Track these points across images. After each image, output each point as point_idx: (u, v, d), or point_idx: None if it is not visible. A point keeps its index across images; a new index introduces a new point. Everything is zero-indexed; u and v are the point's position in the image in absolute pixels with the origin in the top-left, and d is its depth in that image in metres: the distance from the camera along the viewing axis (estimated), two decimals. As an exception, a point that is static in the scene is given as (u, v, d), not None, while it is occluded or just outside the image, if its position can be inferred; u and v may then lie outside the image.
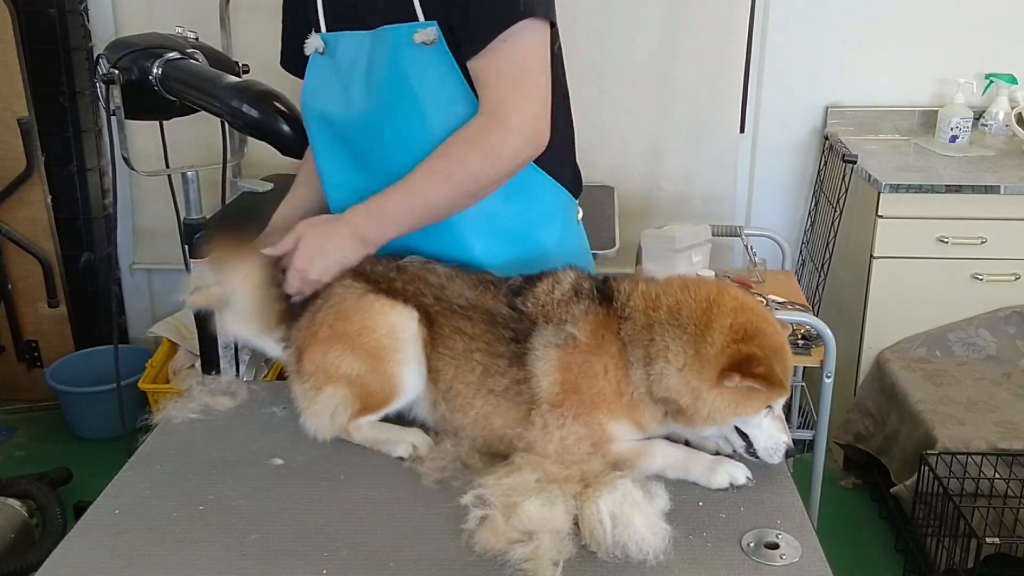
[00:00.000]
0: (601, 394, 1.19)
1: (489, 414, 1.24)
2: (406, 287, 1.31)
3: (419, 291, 1.30)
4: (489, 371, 1.24)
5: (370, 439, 1.30)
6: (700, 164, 3.23)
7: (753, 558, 1.08)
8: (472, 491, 1.12)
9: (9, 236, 3.23)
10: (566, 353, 1.20)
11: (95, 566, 1.07)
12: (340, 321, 1.29)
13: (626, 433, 1.21)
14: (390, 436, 1.29)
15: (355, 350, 1.27)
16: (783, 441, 1.20)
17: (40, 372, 3.32)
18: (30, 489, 2.59)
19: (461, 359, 1.26)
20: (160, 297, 3.51)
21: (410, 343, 1.28)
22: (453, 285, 1.31)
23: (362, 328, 1.28)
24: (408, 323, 1.28)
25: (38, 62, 3.14)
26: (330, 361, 1.28)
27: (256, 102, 1.58)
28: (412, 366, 1.28)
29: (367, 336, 1.27)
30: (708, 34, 3.10)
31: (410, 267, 1.34)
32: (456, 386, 1.27)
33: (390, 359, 1.27)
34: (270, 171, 3.14)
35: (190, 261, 1.90)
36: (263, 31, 3.09)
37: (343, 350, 1.28)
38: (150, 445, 1.33)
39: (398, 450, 1.27)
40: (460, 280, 1.31)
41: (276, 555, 1.08)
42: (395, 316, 1.28)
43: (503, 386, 1.23)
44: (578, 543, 1.07)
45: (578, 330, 1.20)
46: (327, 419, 1.30)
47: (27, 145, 3.15)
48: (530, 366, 1.21)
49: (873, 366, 2.90)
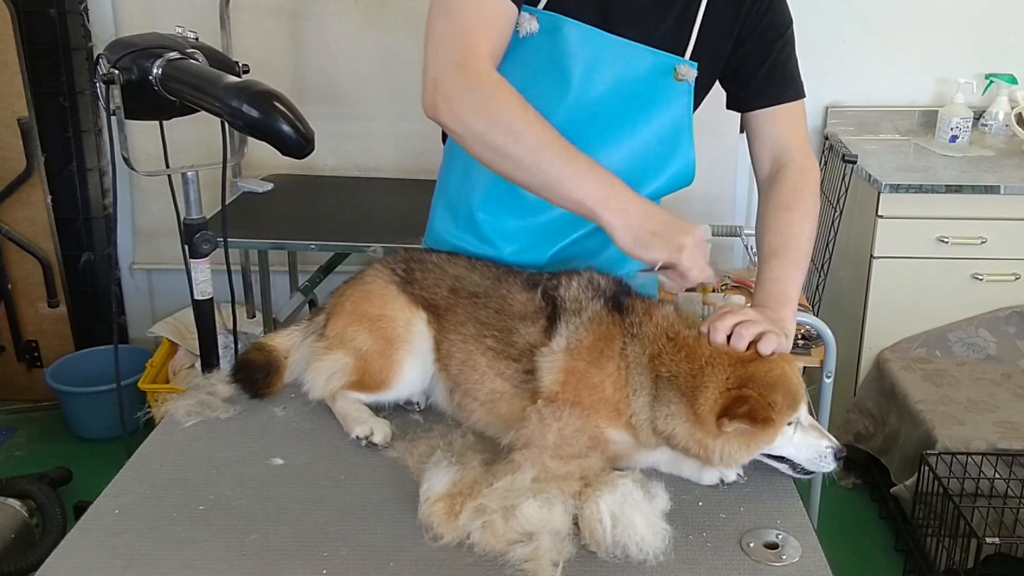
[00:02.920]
0: (601, 404, 1.19)
1: (496, 399, 1.27)
2: (425, 276, 1.39)
3: (437, 280, 1.38)
4: (500, 356, 1.28)
5: (342, 413, 1.35)
6: (700, 164, 3.21)
7: (753, 558, 1.08)
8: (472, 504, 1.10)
9: (9, 236, 3.23)
10: (571, 357, 1.21)
11: (95, 566, 1.07)
12: (364, 302, 1.38)
13: (623, 440, 1.21)
14: (359, 416, 1.33)
15: (371, 331, 1.35)
16: (825, 446, 1.18)
17: (40, 372, 3.31)
18: (30, 489, 2.59)
19: (473, 344, 1.31)
20: (160, 297, 3.51)
21: (420, 340, 1.35)
22: (472, 275, 1.37)
23: (382, 315, 1.36)
24: (423, 324, 1.36)
25: (38, 62, 3.14)
26: (348, 332, 1.37)
27: (256, 102, 1.58)
28: (416, 361, 1.35)
29: (385, 323, 1.35)
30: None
31: (434, 258, 1.42)
32: (466, 370, 1.31)
33: (399, 348, 1.34)
34: (270, 171, 3.14)
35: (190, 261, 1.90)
36: (263, 31, 3.11)
37: (361, 327, 1.36)
38: (150, 445, 1.33)
39: (356, 430, 1.31)
40: (479, 271, 1.38)
41: (276, 555, 1.08)
42: (412, 314, 1.36)
43: (511, 372, 1.26)
44: (578, 543, 1.07)
45: (586, 335, 1.21)
46: (324, 378, 1.37)
47: (27, 145, 3.15)
48: (537, 359, 1.23)
49: (873, 366, 2.90)
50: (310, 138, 1.61)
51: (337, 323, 1.39)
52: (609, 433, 1.19)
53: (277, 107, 1.58)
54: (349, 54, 3.16)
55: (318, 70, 3.18)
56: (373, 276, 1.42)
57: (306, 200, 3.01)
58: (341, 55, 3.17)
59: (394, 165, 3.24)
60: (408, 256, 1.44)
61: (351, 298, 1.41)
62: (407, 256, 1.44)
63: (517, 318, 1.29)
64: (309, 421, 1.39)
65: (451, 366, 1.33)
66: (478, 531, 1.07)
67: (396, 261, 1.44)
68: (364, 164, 3.26)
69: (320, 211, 2.90)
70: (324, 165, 3.20)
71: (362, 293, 1.40)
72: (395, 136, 3.25)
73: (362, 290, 1.41)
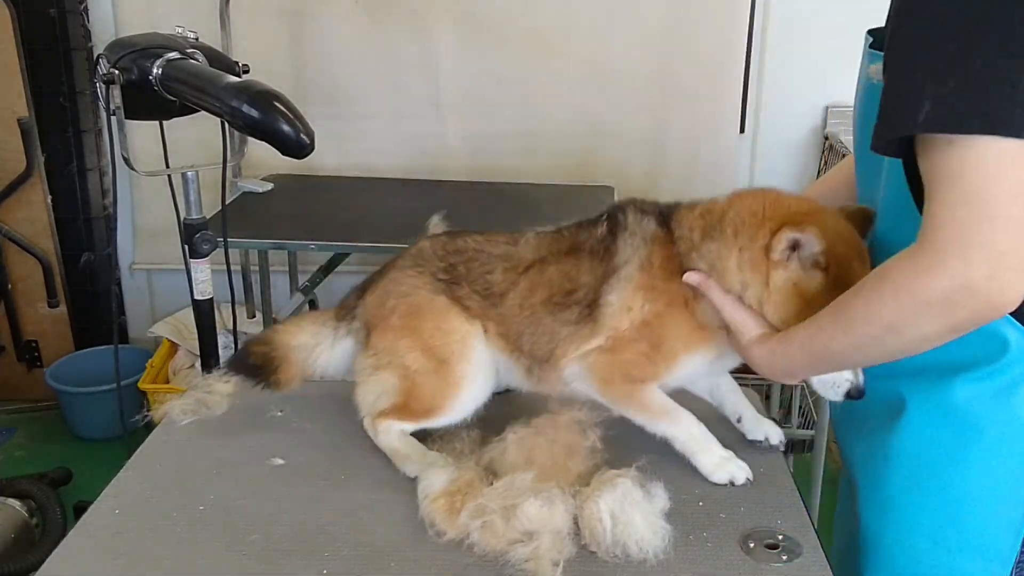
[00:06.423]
0: (671, 322, 1.18)
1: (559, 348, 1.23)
2: (471, 268, 1.29)
3: (486, 267, 1.28)
4: (569, 312, 1.22)
5: (391, 448, 1.26)
6: (700, 164, 3.23)
7: (753, 558, 1.08)
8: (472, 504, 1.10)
9: (9, 236, 3.23)
10: (635, 286, 1.19)
11: (95, 566, 1.07)
12: (413, 317, 1.28)
13: (694, 363, 1.20)
14: (411, 453, 1.25)
15: (424, 349, 1.26)
16: (845, 378, 1.12)
17: (40, 372, 3.31)
18: (30, 489, 2.59)
19: (543, 311, 1.24)
20: (160, 297, 3.51)
21: (478, 353, 1.27)
22: (518, 249, 1.29)
23: (436, 330, 1.27)
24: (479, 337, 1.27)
25: (38, 62, 3.14)
26: (398, 348, 1.28)
27: (256, 102, 1.58)
28: (475, 379, 1.27)
29: (440, 339, 1.26)
30: (708, 34, 3.10)
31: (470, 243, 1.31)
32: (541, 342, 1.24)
33: (457, 364, 1.26)
34: (270, 171, 3.14)
35: (190, 261, 1.90)
36: (263, 31, 3.11)
37: (413, 343, 1.27)
38: (150, 445, 1.33)
39: (410, 470, 1.23)
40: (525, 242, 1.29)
41: (277, 555, 1.08)
42: (468, 326, 1.27)
43: (574, 318, 1.22)
44: (578, 543, 1.07)
45: (645, 261, 1.19)
46: (371, 399, 1.30)
47: (27, 145, 3.15)
48: (602, 298, 1.20)
49: (873, 366, 2.89)
50: (310, 138, 1.61)
51: (384, 337, 1.29)
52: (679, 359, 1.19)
53: (277, 107, 1.58)
54: (350, 54, 3.17)
55: (318, 70, 3.18)
56: (415, 286, 1.30)
57: (306, 200, 3.02)
58: (342, 55, 3.17)
59: (394, 165, 3.24)
60: (442, 250, 1.32)
61: (396, 312, 1.29)
62: (442, 251, 1.32)
63: (585, 262, 1.23)
64: (309, 421, 1.39)
65: (524, 344, 1.26)
66: (478, 531, 1.07)
67: (431, 261, 1.31)
68: (364, 164, 3.26)
69: (320, 211, 2.90)
70: (324, 165, 3.20)
71: (408, 308, 1.29)
72: (395, 136, 3.25)
73: (408, 304, 1.29)
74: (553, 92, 3.16)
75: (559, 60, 3.12)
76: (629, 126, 3.20)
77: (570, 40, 3.11)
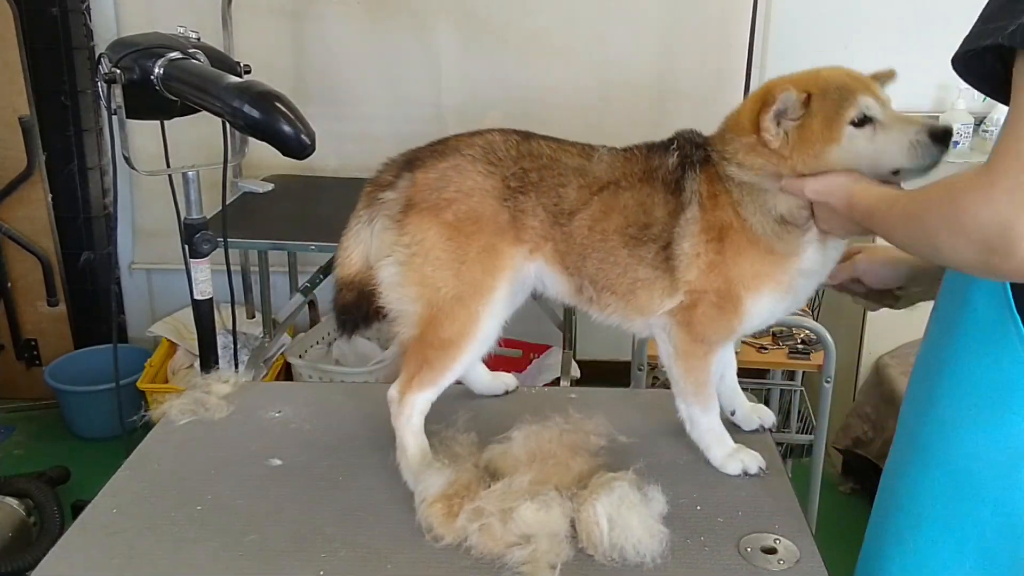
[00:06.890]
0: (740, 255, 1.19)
1: (636, 288, 1.23)
2: (543, 178, 1.22)
3: (560, 179, 1.23)
4: (640, 242, 1.21)
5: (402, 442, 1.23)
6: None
7: (750, 562, 1.08)
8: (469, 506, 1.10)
9: (9, 234, 3.23)
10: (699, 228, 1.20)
11: (93, 565, 1.07)
12: (470, 223, 1.20)
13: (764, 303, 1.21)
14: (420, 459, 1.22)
15: (459, 273, 1.20)
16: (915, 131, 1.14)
17: (39, 371, 3.31)
18: (28, 488, 2.59)
19: (615, 238, 1.22)
20: (160, 297, 3.51)
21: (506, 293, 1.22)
22: (592, 166, 1.24)
23: (483, 251, 1.20)
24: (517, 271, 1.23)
25: (40, 61, 3.14)
26: (437, 256, 1.20)
27: (257, 102, 1.58)
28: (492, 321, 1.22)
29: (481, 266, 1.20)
30: (708, 35, 3.10)
31: (545, 148, 1.25)
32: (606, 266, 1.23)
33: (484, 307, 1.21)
34: (270, 171, 3.14)
35: (190, 261, 1.90)
36: (265, 32, 3.11)
37: (453, 257, 1.20)
38: (148, 445, 1.33)
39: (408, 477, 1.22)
40: (599, 158, 1.25)
41: (274, 555, 1.08)
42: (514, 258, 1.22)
43: (651, 256, 1.21)
44: (575, 546, 1.07)
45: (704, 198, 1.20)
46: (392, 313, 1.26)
47: (28, 144, 3.15)
48: (675, 245, 1.20)
49: (872, 371, 2.90)
50: (311, 139, 1.61)
51: (428, 231, 1.20)
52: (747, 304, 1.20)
53: (278, 108, 1.58)
54: (351, 55, 3.17)
55: (319, 71, 3.18)
56: (482, 188, 1.21)
57: (306, 200, 3.01)
58: (343, 56, 3.17)
59: (395, 166, 3.23)
60: (516, 151, 1.24)
61: (453, 208, 1.20)
62: (515, 152, 1.24)
63: (659, 192, 1.22)
64: (308, 422, 1.39)
65: (587, 266, 1.22)
66: (476, 533, 1.07)
67: (504, 162, 1.23)
68: (365, 165, 3.23)
69: (320, 211, 2.90)
70: (325, 166, 3.20)
71: (469, 211, 1.20)
72: (396, 137, 3.24)
73: (470, 207, 1.20)
74: (553, 92, 3.17)
75: (560, 60, 3.13)
76: (629, 126, 3.20)
77: (571, 40, 3.11)
